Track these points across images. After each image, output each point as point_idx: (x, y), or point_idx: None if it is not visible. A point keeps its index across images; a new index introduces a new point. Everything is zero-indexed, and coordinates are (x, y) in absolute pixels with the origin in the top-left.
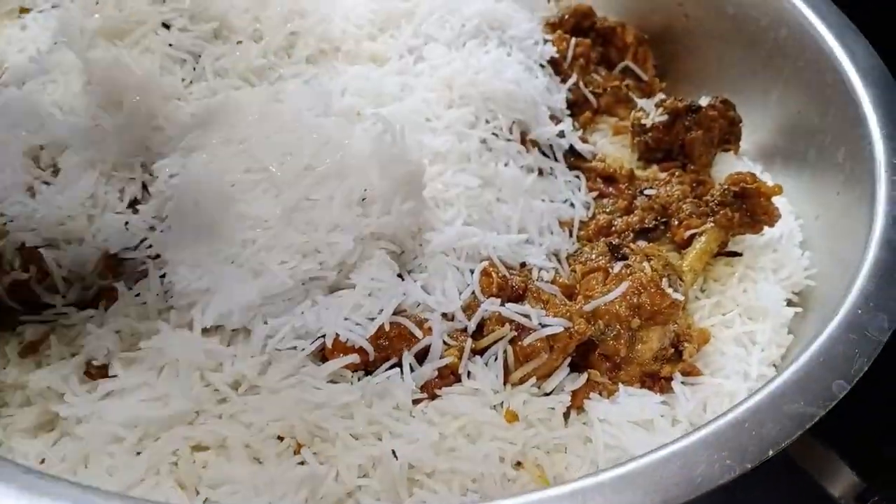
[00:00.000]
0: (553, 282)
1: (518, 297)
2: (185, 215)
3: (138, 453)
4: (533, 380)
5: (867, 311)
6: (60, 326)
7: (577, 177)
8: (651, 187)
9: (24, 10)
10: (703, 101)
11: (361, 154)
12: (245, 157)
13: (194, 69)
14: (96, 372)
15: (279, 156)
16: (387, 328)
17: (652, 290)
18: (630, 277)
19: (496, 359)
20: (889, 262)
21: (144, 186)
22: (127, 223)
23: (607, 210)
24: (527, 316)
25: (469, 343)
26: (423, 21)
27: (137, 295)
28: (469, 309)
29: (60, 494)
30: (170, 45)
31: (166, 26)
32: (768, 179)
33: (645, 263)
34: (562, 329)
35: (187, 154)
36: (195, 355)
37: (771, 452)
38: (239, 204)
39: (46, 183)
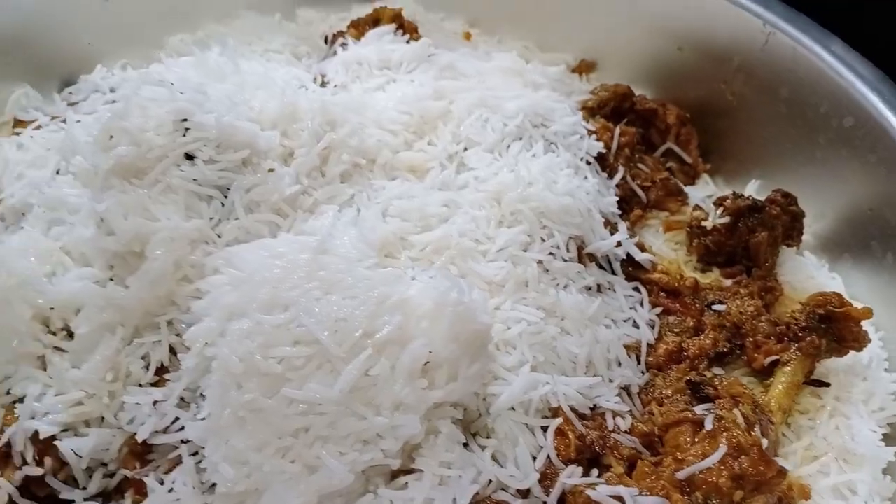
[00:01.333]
0: (631, 431)
1: (596, 455)
2: (226, 399)
3: None
4: None
5: None
6: None
7: (637, 289)
8: (719, 301)
9: (19, 124)
10: (751, 189)
11: (421, 312)
12: (293, 328)
13: (222, 205)
14: None
15: (332, 323)
16: None
17: (755, 457)
18: (725, 436)
19: None
20: None
21: (171, 349)
22: (156, 402)
23: (675, 330)
24: (620, 499)
25: None
26: (461, 122)
27: (171, 490)
28: (546, 479)
29: None
30: (194, 180)
31: (189, 157)
32: (836, 279)
33: (736, 411)
34: None
35: (224, 320)
36: None
37: None
38: (289, 385)
39: (58, 349)
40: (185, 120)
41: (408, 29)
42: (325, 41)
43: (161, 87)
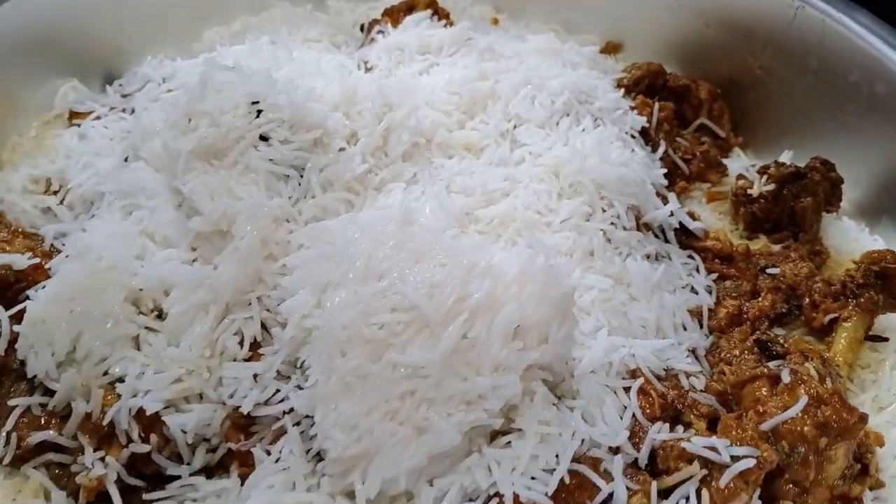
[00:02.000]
0: (706, 389)
1: (677, 413)
2: (332, 367)
3: None
4: None
5: None
6: (190, 502)
7: (691, 256)
8: (772, 265)
9: (76, 115)
10: (786, 159)
11: (509, 277)
12: (390, 295)
13: (299, 184)
14: None
15: (427, 289)
16: (566, 480)
17: (837, 405)
18: (803, 387)
19: (688, 501)
20: None
21: (263, 326)
22: (255, 375)
23: (732, 294)
24: (715, 449)
25: (654, 487)
26: (509, 101)
27: (278, 460)
28: (633, 436)
29: None
30: (270, 160)
31: (263, 139)
32: (878, 241)
33: (807, 365)
34: (754, 461)
35: (320, 292)
36: None
37: None
38: (391, 350)
39: (151, 329)
40: (257, 102)
41: (442, 15)
42: (361, 29)
43: (231, 71)
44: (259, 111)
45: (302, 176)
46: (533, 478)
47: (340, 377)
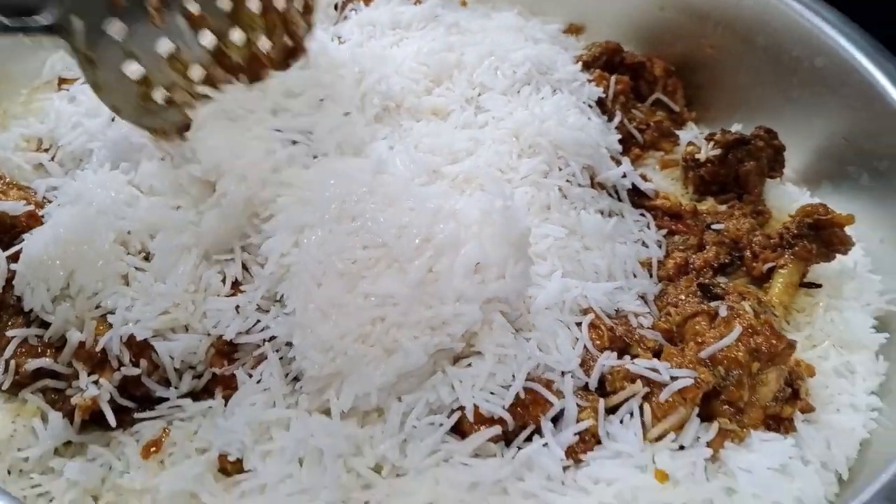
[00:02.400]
0: (653, 327)
1: (625, 346)
2: (309, 296)
3: None
4: (672, 435)
5: None
6: (178, 421)
7: (643, 215)
8: (717, 221)
9: (64, 81)
10: (735, 129)
11: (470, 219)
12: (362, 234)
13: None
14: (231, 467)
15: (396, 230)
16: (521, 395)
17: (767, 333)
18: (738, 320)
19: (632, 416)
20: None
21: (245, 268)
22: (238, 307)
23: (680, 248)
24: (656, 370)
25: (602, 403)
26: (474, 70)
27: (259, 381)
28: (584, 364)
29: None
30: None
31: None
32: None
33: (744, 303)
34: (692, 381)
35: (297, 233)
36: (337, 442)
37: None
38: (363, 282)
39: (139, 269)
40: None
41: None
42: (336, 8)
43: None
44: None
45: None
46: (492, 393)
47: (317, 305)
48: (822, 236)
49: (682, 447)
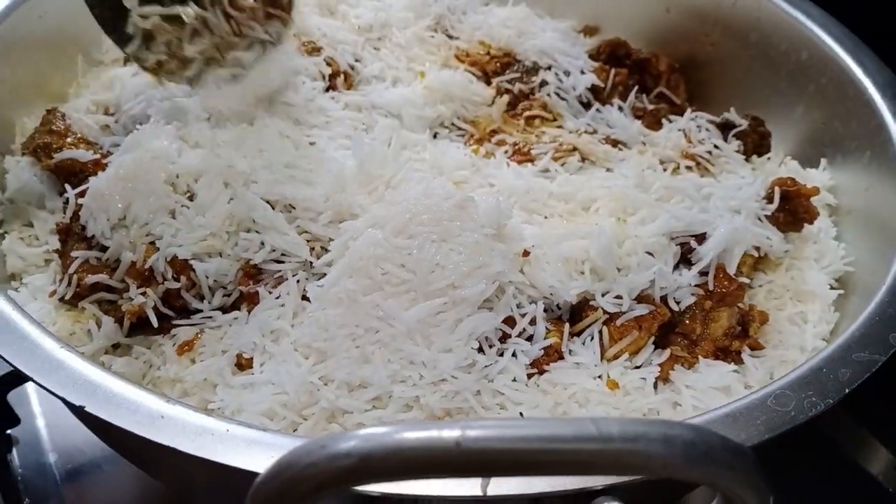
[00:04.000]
0: None
1: None
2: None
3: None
4: (626, 355)
5: None
6: (208, 328)
7: None
8: None
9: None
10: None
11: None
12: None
13: None
14: (246, 363)
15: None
16: None
17: (720, 276)
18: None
19: (592, 339)
20: None
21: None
22: (263, 242)
23: None
24: (619, 297)
25: (567, 327)
26: None
27: (277, 297)
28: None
29: None
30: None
31: None
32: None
33: None
34: (647, 311)
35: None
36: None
37: (847, 391)
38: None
39: (184, 206)
40: None
41: None
42: None
43: None
44: None
45: None
46: None
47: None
48: (790, 206)
49: (637, 367)
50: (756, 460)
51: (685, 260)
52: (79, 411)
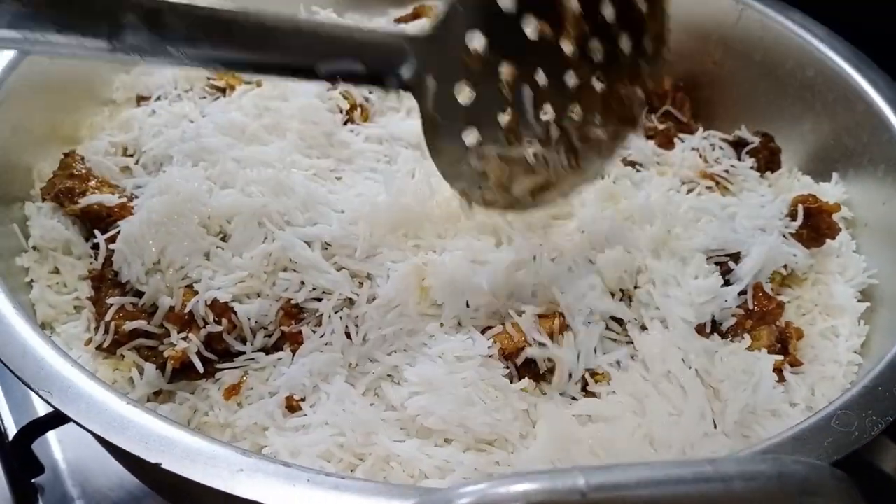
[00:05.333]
0: None
1: None
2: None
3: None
4: None
5: None
6: (252, 370)
7: None
8: None
9: (143, 98)
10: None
11: None
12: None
13: None
14: (295, 405)
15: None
16: None
17: (759, 295)
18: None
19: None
20: None
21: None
22: (303, 282)
23: None
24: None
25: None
26: None
27: (322, 336)
28: None
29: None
30: None
31: None
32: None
33: None
34: None
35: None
36: None
37: None
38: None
39: (219, 247)
40: None
41: None
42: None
43: None
44: None
45: None
46: None
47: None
48: (812, 223)
49: None
50: (855, 487)
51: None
52: (150, 468)
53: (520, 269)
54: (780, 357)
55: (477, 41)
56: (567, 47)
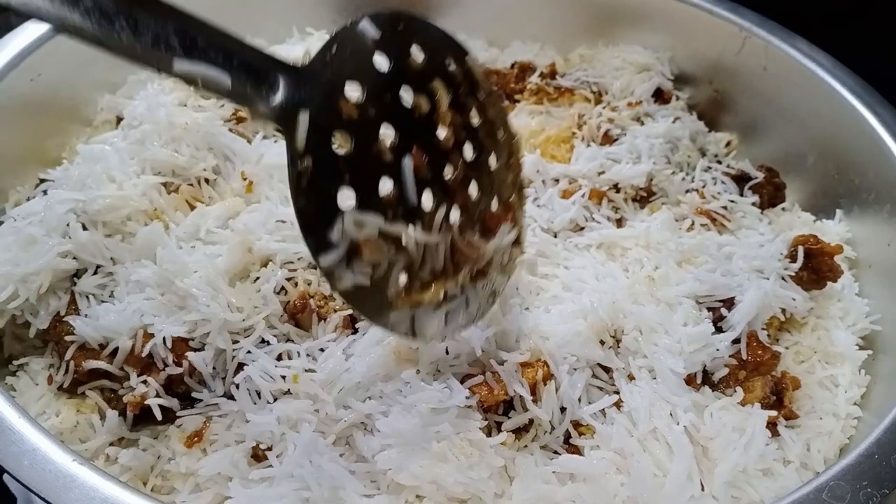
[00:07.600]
0: None
1: None
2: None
3: None
4: None
5: None
6: (216, 416)
7: None
8: None
9: (121, 120)
10: (744, 165)
11: None
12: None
13: None
14: (262, 454)
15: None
16: None
17: (754, 345)
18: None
19: None
20: None
21: None
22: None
23: None
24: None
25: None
26: None
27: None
28: None
29: None
30: None
31: None
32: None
33: None
34: None
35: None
36: None
37: None
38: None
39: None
40: None
41: None
42: None
43: None
44: None
45: None
46: None
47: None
48: (812, 265)
49: None
50: None
51: (716, 328)
52: None
53: (504, 315)
54: (774, 413)
55: (354, 91)
56: (443, 133)
